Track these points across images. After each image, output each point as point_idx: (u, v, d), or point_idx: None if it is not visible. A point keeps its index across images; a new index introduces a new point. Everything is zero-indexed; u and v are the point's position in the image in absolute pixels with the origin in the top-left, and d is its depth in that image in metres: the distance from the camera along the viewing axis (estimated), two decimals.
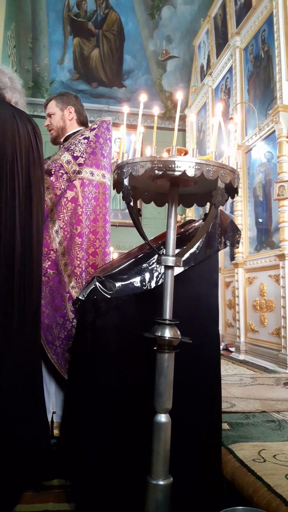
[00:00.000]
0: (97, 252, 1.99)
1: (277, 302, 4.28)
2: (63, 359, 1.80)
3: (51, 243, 1.85)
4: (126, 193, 1.23)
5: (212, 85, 6.52)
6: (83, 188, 1.93)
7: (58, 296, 1.83)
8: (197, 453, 1.47)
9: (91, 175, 1.97)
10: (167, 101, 8.11)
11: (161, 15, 7.47)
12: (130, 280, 1.47)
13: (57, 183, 1.93)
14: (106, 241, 2.05)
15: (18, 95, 1.78)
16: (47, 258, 1.84)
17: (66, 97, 2.23)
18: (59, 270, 1.84)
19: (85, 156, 1.98)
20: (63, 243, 1.86)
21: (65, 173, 1.95)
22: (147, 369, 1.33)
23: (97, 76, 7.92)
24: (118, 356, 1.46)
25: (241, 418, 2.22)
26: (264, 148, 4.78)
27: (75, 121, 2.21)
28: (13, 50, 6.37)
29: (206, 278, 1.58)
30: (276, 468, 1.53)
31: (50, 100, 2.23)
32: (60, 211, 1.88)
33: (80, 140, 2.03)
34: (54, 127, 2.21)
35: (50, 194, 1.90)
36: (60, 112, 2.19)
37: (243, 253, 5.09)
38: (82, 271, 1.87)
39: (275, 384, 3.24)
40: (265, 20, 4.80)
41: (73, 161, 1.96)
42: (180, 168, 1.12)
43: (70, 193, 1.90)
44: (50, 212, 1.89)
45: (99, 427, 1.44)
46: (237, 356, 4.91)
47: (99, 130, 2.08)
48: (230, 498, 1.46)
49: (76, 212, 1.89)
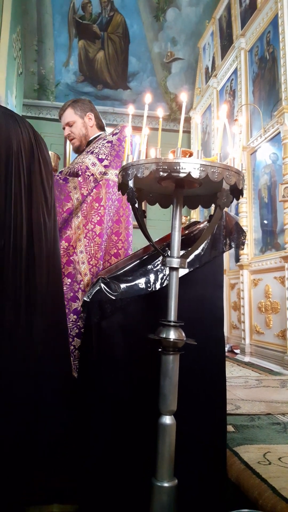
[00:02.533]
0: (119, 253, 2.02)
1: (282, 304, 4.26)
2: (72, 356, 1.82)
3: (71, 240, 1.88)
4: (131, 195, 1.23)
5: (217, 87, 6.52)
6: (108, 189, 1.96)
7: (73, 294, 1.85)
8: (202, 455, 1.46)
9: (116, 177, 1.99)
10: (172, 103, 8.12)
11: (166, 17, 7.48)
12: (135, 281, 1.47)
13: (84, 183, 1.96)
14: (129, 242, 2.08)
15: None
16: (66, 254, 1.86)
17: (82, 103, 2.22)
18: (75, 268, 1.86)
19: (110, 159, 2.01)
20: (83, 241, 1.89)
21: (92, 175, 1.97)
22: (152, 371, 1.33)
23: (102, 78, 7.94)
24: (123, 358, 1.46)
25: (246, 421, 2.21)
26: (269, 150, 4.77)
27: (95, 127, 2.23)
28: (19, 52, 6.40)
29: (211, 280, 1.58)
30: (281, 470, 1.52)
31: (66, 109, 2.20)
32: (84, 209, 1.91)
33: (103, 144, 2.05)
34: (77, 135, 2.20)
35: (77, 193, 1.93)
36: (80, 119, 2.19)
37: (248, 255, 5.07)
38: (99, 270, 1.89)
39: (280, 386, 3.23)
40: (270, 21, 4.80)
41: (98, 163, 1.99)
42: (185, 170, 1.12)
43: (95, 193, 1.93)
44: (75, 210, 1.93)
45: (104, 428, 1.44)
46: (242, 358, 4.90)
47: (121, 135, 2.10)
48: (235, 501, 1.45)
49: (99, 212, 1.93)
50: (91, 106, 2.24)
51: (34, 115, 7.74)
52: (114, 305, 1.43)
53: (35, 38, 7.36)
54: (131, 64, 7.89)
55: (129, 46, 7.76)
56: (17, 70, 6.38)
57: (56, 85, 7.86)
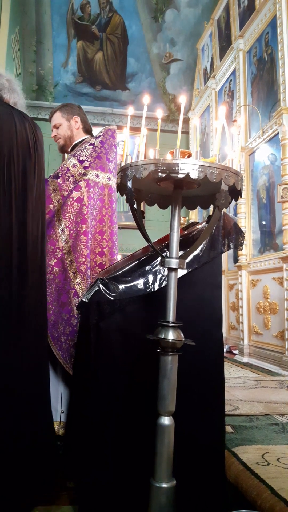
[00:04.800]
0: (104, 252, 2.04)
1: (281, 304, 4.27)
2: (68, 354, 1.82)
3: (57, 242, 1.91)
4: (129, 196, 1.23)
5: (215, 88, 6.53)
6: (88, 189, 1.99)
7: (64, 293, 1.87)
8: (201, 456, 1.46)
9: (96, 177, 2.04)
10: (170, 103, 8.12)
11: (164, 18, 7.49)
12: (134, 282, 1.47)
13: (63, 185, 2.01)
14: (113, 241, 2.11)
15: (16, 95, 1.79)
16: (54, 256, 1.89)
17: (70, 107, 2.33)
18: (64, 268, 1.89)
19: (90, 160, 2.07)
20: (69, 242, 1.92)
21: (72, 176, 2.03)
22: (150, 372, 1.33)
23: (100, 79, 7.95)
24: (121, 358, 1.46)
25: (244, 421, 2.21)
26: (268, 151, 4.78)
27: (81, 130, 2.32)
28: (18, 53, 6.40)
29: (209, 281, 1.58)
30: (280, 471, 1.52)
31: (55, 112, 2.32)
32: (66, 211, 1.94)
33: (86, 147, 2.14)
34: (62, 136, 2.30)
35: (57, 195, 1.97)
36: (66, 122, 2.29)
37: (246, 256, 5.08)
38: (87, 268, 1.92)
39: (278, 387, 3.23)
40: (269, 22, 4.81)
41: (79, 165, 2.04)
42: (184, 171, 1.12)
43: (76, 194, 1.97)
44: (57, 212, 1.96)
45: (102, 428, 1.44)
46: (241, 358, 4.90)
47: (104, 137, 2.19)
48: (233, 501, 1.45)
49: (82, 211, 1.95)
50: (78, 111, 2.34)
51: (33, 116, 7.74)
52: (112, 305, 1.43)
53: (33, 39, 7.37)
54: (130, 65, 7.90)
55: (128, 47, 7.77)
56: (15, 70, 6.38)
57: (55, 85, 7.86)
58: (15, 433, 1.45)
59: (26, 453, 1.47)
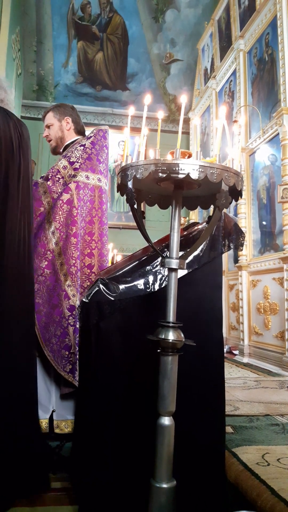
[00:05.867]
0: (93, 253, 2.04)
1: (281, 305, 4.27)
2: (59, 355, 1.82)
3: (47, 244, 1.92)
4: (130, 196, 1.23)
5: (216, 88, 6.53)
6: (78, 191, 2.00)
7: (55, 295, 1.87)
8: (201, 456, 1.46)
9: (86, 178, 2.05)
10: (171, 104, 8.13)
11: (165, 18, 7.49)
12: (134, 282, 1.47)
13: (53, 187, 2.02)
14: (102, 242, 2.11)
15: (3, 92, 1.79)
16: (44, 258, 1.90)
17: (63, 108, 2.33)
18: (55, 270, 1.90)
19: (80, 161, 2.07)
20: (59, 244, 1.93)
21: (62, 178, 2.04)
22: (150, 372, 1.33)
23: (101, 79, 7.95)
24: (122, 358, 1.46)
25: (244, 422, 2.21)
26: (268, 151, 4.78)
27: (73, 131, 2.32)
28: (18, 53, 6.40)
29: (209, 281, 1.58)
30: (280, 471, 1.52)
31: (48, 112, 2.33)
32: (56, 213, 1.95)
33: (77, 148, 2.13)
34: (53, 137, 2.31)
35: (47, 197, 1.98)
36: (58, 122, 2.30)
37: (247, 256, 5.08)
38: (78, 270, 1.92)
39: (279, 387, 3.23)
40: (269, 23, 4.81)
41: (69, 166, 2.05)
42: (184, 171, 1.12)
43: (66, 196, 1.97)
44: (48, 214, 1.96)
45: (102, 429, 1.43)
46: (241, 359, 4.90)
47: (95, 138, 2.19)
48: (233, 502, 1.45)
49: (72, 213, 1.95)
50: (71, 112, 2.34)
51: (33, 116, 7.75)
52: (112, 306, 1.43)
53: (34, 39, 7.37)
54: (130, 65, 7.90)
55: (128, 47, 7.77)
56: (16, 71, 6.38)
57: (55, 86, 7.86)
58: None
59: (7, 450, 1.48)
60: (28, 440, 1.56)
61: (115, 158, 7.74)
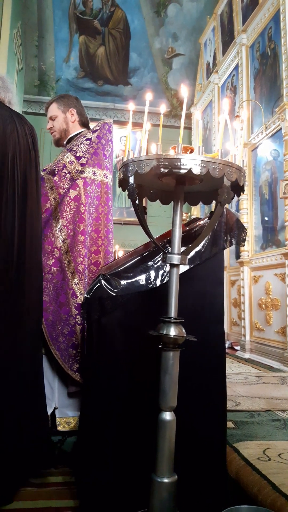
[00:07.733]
0: (99, 250, 2.02)
1: (282, 300, 4.26)
2: (66, 354, 1.82)
3: (55, 241, 1.88)
4: (131, 191, 1.23)
5: (218, 83, 6.49)
6: (86, 187, 1.96)
7: (62, 293, 1.85)
8: (202, 452, 1.47)
9: (93, 174, 2.00)
10: (172, 99, 8.09)
11: (167, 13, 7.45)
12: (136, 278, 1.47)
13: (60, 182, 1.97)
14: (108, 239, 2.08)
15: (10, 94, 1.80)
16: (51, 256, 1.87)
17: (67, 99, 2.26)
18: (62, 268, 1.87)
19: (87, 156, 2.01)
20: (67, 241, 1.89)
21: (68, 173, 1.98)
22: (152, 367, 1.33)
23: (102, 74, 7.92)
24: (123, 354, 1.46)
25: (246, 417, 2.22)
26: (270, 146, 4.76)
27: (77, 123, 2.25)
28: (19, 48, 6.37)
29: (211, 277, 1.58)
30: (281, 467, 1.52)
31: (51, 103, 2.25)
32: (63, 210, 1.91)
33: (82, 142, 2.07)
34: (57, 129, 2.24)
35: (54, 193, 1.93)
36: (62, 114, 2.23)
37: (248, 252, 5.07)
38: (85, 268, 1.90)
39: (280, 383, 3.23)
40: (272, 17, 4.77)
41: (75, 161, 2.00)
42: (186, 166, 1.11)
43: (73, 192, 1.93)
44: (54, 211, 1.92)
45: (103, 428, 1.44)
46: (242, 354, 4.90)
47: (101, 132, 2.12)
48: (234, 497, 1.46)
49: (79, 210, 1.92)
50: (76, 103, 2.27)
51: (35, 111, 7.73)
52: (114, 301, 1.43)
53: (35, 34, 7.34)
54: (132, 59, 7.86)
55: (130, 41, 7.73)
56: (17, 65, 6.36)
57: (57, 80, 7.83)
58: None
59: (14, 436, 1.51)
60: (36, 427, 1.59)
61: (117, 153, 7.71)
